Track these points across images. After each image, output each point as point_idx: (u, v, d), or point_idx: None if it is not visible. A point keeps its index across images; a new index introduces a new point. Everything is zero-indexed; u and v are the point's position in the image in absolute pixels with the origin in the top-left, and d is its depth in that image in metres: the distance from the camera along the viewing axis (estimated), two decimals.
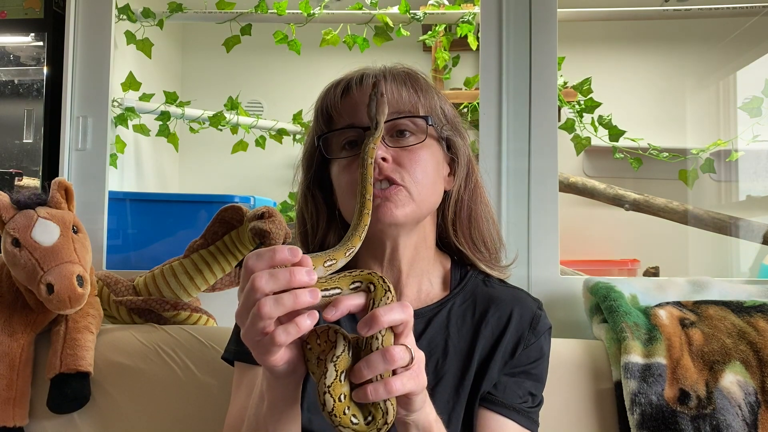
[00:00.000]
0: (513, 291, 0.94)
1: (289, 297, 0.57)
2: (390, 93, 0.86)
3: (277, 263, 0.59)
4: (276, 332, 0.58)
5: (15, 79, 1.73)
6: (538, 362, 0.90)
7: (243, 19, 1.99)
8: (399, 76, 0.89)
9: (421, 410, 0.66)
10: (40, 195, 1.24)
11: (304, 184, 0.95)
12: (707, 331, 1.16)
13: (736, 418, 1.06)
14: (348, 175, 0.86)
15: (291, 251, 0.59)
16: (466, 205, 0.93)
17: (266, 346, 0.59)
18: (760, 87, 1.86)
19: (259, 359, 0.61)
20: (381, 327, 0.59)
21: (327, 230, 0.93)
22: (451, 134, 0.91)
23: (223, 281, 1.36)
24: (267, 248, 0.59)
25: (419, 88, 0.89)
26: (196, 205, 1.82)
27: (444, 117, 0.91)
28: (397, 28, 1.99)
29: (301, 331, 0.58)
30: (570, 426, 1.12)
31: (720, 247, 2.34)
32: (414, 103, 0.87)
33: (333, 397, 0.59)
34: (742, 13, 1.96)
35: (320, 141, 0.89)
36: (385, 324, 0.60)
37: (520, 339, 0.88)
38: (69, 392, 1.16)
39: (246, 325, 0.59)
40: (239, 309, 0.60)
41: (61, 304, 1.15)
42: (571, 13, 1.93)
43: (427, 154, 0.87)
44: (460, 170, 0.92)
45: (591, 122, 1.82)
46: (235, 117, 2.18)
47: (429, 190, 0.87)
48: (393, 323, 0.60)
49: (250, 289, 0.58)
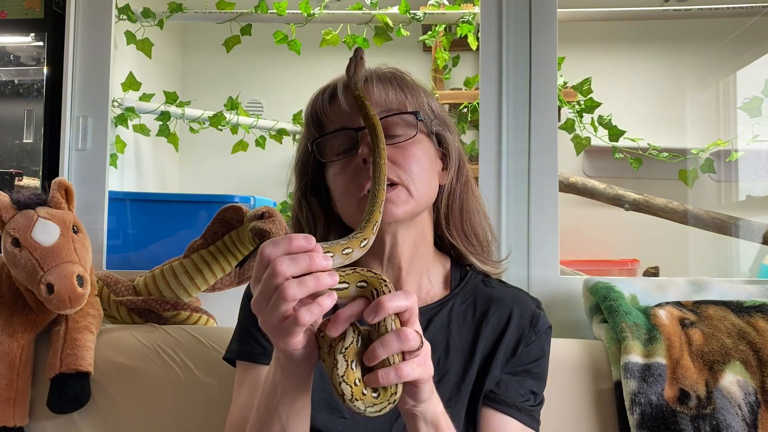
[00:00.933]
0: (512, 290, 0.96)
1: (312, 279, 0.60)
2: (377, 93, 0.87)
3: (293, 250, 0.60)
4: (300, 312, 0.59)
5: (15, 79, 1.73)
6: (539, 361, 0.91)
7: (243, 19, 1.99)
8: (385, 76, 0.90)
9: (428, 401, 0.67)
10: (40, 195, 1.24)
11: (299, 191, 0.95)
12: (707, 331, 1.16)
13: (736, 418, 1.06)
14: (344, 177, 0.87)
15: (306, 239, 0.61)
16: (458, 198, 0.94)
17: (288, 328, 0.60)
18: (760, 87, 1.86)
19: (281, 342, 0.62)
20: (386, 313, 0.62)
21: (326, 235, 0.94)
22: (441, 129, 0.93)
23: (223, 281, 1.36)
24: (282, 236, 0.61)
25: (405, 86, 0.90)
26: (196, 205, 1.82)
27: (432, 113, 0.92)
28: (397, 28, 1.99)
29: (323, 310, 0.60)
30: (570, 426, 1.12)
31: (720, 247, 2.34)
32: (401, 101, 0.89)
33: (349, 384, 0.61)
34: (742, 13, 1.96)
35: (314, 146, 0.90)
36: (391, 310, 0.62)
37: (521, 337, 0.89)
38: (69, 392, 1.16)
39: (267, 310, 0.61)
40: (257, 297, 0.61)
41: (61, 304, 1.15)
42: (571, 13, 1.93)
43: (419, 150, 0.88)
44: (452, 164, 0.93)
45: (591, 122, 1.82)
46: (235, 117, 2.18)
47: (425, 185, 0.88)
48: (398, 310, 0.63)
49: (271, 275, 0.59)
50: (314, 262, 0.60)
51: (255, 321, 0.88)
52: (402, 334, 0.62)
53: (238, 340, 0.93)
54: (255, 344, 0.90)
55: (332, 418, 0.84)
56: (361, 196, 0.84)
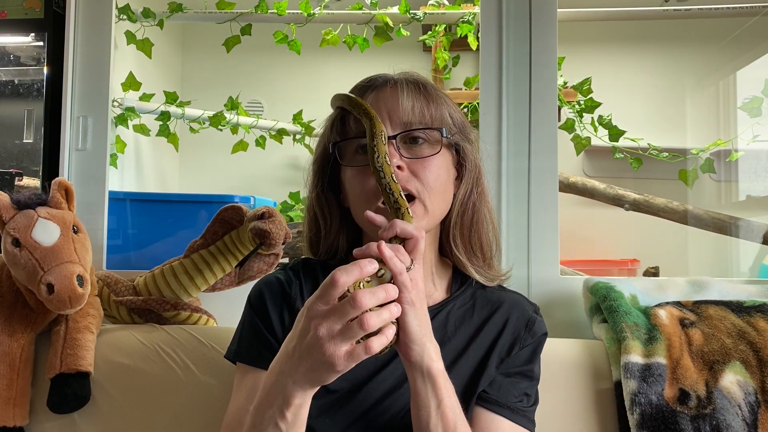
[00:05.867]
0: (512, 295, 0.97)
1: (386, 311, 0.66)
2: (404, 104, 0.88)
3: (364, 276, 0.66)
4: (372, 342, 0.64)
5: (15, 79, 1.73)
6: (532, 364, 0.92)
7: (243, 19, 1.99)
8: (412, 86, 0.90)
9: (425, 354, 0.72)
10: (40, 195, 1.24)
11: (318, 188, 0.96)
12: (707, 331, 1.16)
13: (736, 418, 1.06)
14: (360, 183, 0.87)
15: (371, 264, 0.66)
16: (470, 210, 0.94)
17: (358, 356, 0.64)
18: (760, 87, 1.86)
19: (341, 368, 0.65)
20: (395, 232, 0.72)
21: (338, 233, 0.95)
22: (460, 139, 0.93)
23: (223, 281, 1.36)
24: (353, 264, 0.66)
25: (431, 98, 0.90)
26: (196, 205, 1.82)
27: (453, 123, 0.92)
28: (397, 28, 1.99)
29: (389, 340, 0.66)
30: (570, 426, 1.12)
31: (720, 247, 2.34)
32: (430, 114, 0.89)
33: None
34: (742, 13, 1.96)
35: (335, 149, 0.90)
36: (398, 230, 0.72)
37: (516, 339, 0.91)
38: (69, 392, 1.16)
39: (337, 337, 0.64)
40: (327, 330, 0.64)
41: (62, 304, 1.15)
42: (571, 13, 1.93)
43: (440, 162, 0.89)
44: (468, 176, 0.93)
45: (591, 122, 1.82)
46: (235, 117, 2.18)
47: (440, 198, 0.89)
48: (404, 234, 0.72)
49: (352, 307, 0.64)
50: (389, 294, 0.66)
51: (257, 325, 0.89)
52: (397, 247, 0.71)
53: (239, 341, 0.93)
54: (256, 348, 0.90)
55: (322, 420, 0.85)
56: (377, 204, 0.86)
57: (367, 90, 0.91)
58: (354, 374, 0.75)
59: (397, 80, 0.91)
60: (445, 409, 0.74)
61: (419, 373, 0.73)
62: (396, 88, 0.89)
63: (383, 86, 0.91)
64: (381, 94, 0.90)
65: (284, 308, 0.90)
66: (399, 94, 0.88)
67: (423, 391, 0.74)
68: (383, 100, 0.89)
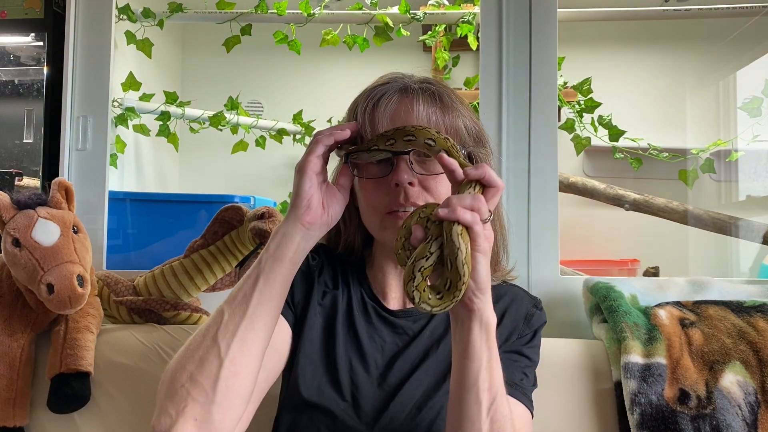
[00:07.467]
0: (513, 288, 0.99)
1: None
2: (419, 112, 0.87)
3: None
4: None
5: (15, 79, 1.73)
6: (531, 347, 0.93)
7: (243, 19, 1.99)
8: (428, 96, 0.89)
9: (486, 303, 0.73)
10: (40, 195, 1.24)
11: None
12: (707, 331, 1.16)
13: (736, 418, 1.06)
14: (372, 192, 0.88)
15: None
16: None
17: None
18: (760, 87, 1.86)
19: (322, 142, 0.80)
20: (481, 175, 0.74)
21: (356, 233, 0.97)
22: (474, 148, 0.93)
23: (223, 281, 1.36)
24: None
25: (446, 110, 0.90)
26: (196, 205, 1.82)
27: (467, 132, 0.92)
28: (397, 28, 1.99)
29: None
30: (570, 426, 1.12)
31: (720, 247, 2.35)
32: (445, 127, 0.89)
33: (419, 291, 0.72)
34: (742, 13, 1.96)
35: (349, 159, 0.88)
36: (486, 174, 0.74)
37: (513, 330, 0.93)
38: (69, 392, 1.16)
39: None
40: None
41: (62, 304, 1.15)
42: (571, 13, 1.93)
43: None
44: None
45: (591, 122, 1.81)
46: (235, 117, 2.18)
47: None
48: (489, 182, 0.75)
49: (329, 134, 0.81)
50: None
51: None
52: (478, 197, 0.72)
53: None
54: None
55: (336, 399, 0.87)
56: (385, 213, 0.87)
57: (382, 97, 0.89)
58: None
59: (413, 89, 0.90)
60: (493, 363, 0.75)
61: (478, 323, 0.73)
62: (411, 99, 0.88)
63: (399, 96, 0.89)
64: (397, 105, 0.88)
65: (305, 277, 0.95)
66: (414, 107, 0.87)
67: (478, 342, 0.73)
68: (397, 111, 0.87)
